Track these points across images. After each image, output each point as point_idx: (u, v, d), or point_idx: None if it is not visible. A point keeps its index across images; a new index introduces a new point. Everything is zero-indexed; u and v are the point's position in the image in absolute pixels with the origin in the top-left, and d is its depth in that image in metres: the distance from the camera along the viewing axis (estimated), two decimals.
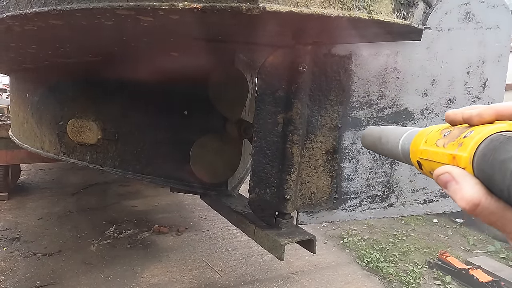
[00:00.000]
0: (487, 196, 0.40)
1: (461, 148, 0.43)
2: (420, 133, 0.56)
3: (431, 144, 0.51)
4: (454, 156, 0.44)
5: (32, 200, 5.92)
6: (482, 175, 0.40)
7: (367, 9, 1.16)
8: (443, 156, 0.46)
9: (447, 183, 0.44)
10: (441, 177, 0.45)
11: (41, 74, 2.87)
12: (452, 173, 0.43)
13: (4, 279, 3.55)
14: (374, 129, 0.74)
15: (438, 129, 0.52)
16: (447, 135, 0.48)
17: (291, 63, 1.46)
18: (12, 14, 1.20)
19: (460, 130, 0.47)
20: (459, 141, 0.44)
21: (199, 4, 1.00)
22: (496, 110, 0.45)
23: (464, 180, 0.42)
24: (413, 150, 0.56)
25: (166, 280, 3.71)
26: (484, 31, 1.53)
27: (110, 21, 1.19)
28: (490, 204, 0.40)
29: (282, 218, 1.64)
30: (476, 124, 0.46)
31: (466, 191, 0.41)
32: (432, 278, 4.25)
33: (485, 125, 0.44)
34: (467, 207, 0.41)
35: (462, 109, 0.49)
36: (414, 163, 0.56)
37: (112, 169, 2.51)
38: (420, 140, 0.54)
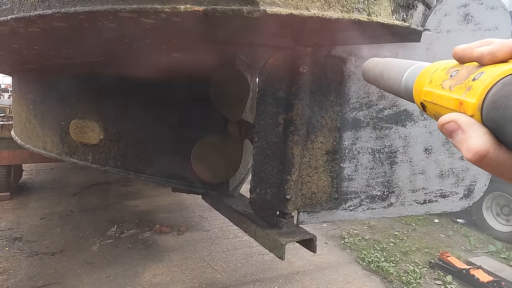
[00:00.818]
0: (495, 147, 0.37)
1: (469, 93, 0.39)
2: (425, 71, 0.52)
3: (436, 85, 0.46)
4: (461, 102, 0.40)
5: (34, 200, 5.94)
6: (492, 124, 0.36)
7: (366, 11, 1.17)
8: (449, 100, 0.42)
9: (452, 133, 0.41)
10: (446, 126, 0.41)
11: (44, 74, 2.89)
12: (458, 121, 0.40)
13: (7, 279, 3.57)
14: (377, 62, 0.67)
15: (445, 67, 0.47)
16: (454, 76, 0.43)
17: (291, 65, 1.48)
18: (16, 17, 1.22)
19: (469, 70, 0.42)
20: (467, 84, 0.40)
21: (201, 7, 1.01)
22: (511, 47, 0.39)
23: (472, 130, 0.38)
24: (416, 90, 0.52)
25: (168, 280, 3.73)
26: (483, 33, 1.54)
27: (112, 23, 1.21)
28: (499, 155, 0.37)
29: (283, 218, 1.65)
30: (487, 63, 0.40)
31: (473, 142, 0.38)
32: (433, 278, 4.26)
33: (498, 65, 0.39)
34: (473, 158, 0.38)
35: (473, 44, 0.44)
36: (417, 104, 0.52)
37: (114, 169, 2.53)
38: (425, 79, 0.50)
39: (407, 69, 0.56)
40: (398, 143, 1.61)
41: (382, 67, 0.64)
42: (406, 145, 1.62)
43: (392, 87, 0.59)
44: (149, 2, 1.02)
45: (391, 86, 0.60)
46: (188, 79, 2.05)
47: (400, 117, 1.59)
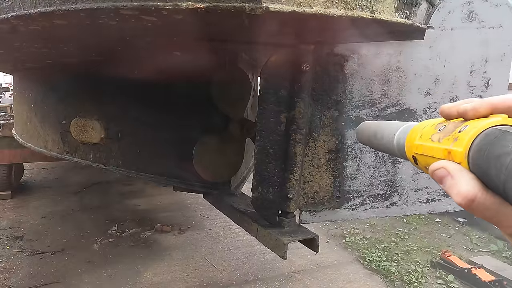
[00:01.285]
0: (482, 191, 0.39)
1: (456, 143, 0.43)
2: (415, 128, 0.56)
3: (426, 139, 0.50)
4: (449, 151, 0.44)
5: (35, 199, 5.95)
6: (478, 170, 0.40)
7: (370, 9, 1.16)
8: (438, 151, 0.46)
9: (442, 178, 0.44)
10: (436, 172, 0.45)
11: (44, 73, 2.88)
12: (447, 168, 0.43)
13: (8, 277, 3.57)
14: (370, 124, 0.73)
15: (433, 124, 0.52)
16: (442, 130, 0.48)
17: (293, 63, 1.47)
18: (17, 14, 1.21)
19: (455, 124, 0.46)
20: (454, 135, 0.44)
21: (203, 4, 1.00)
22: (491, 103, 0.44)
23: (460, 175, 0.41)
24: (408, 145, 0.56)
25: (169, 279, 3.72)
26: (487, 30, 1.53)
27: (114, 21, 1.20)
28: (486, 200, 0.39)
29: (284, 217, 1.65)
30: (471, 118, 0.45)
31: (461, 186, 0.40)
32: (434, 277, 4.25)
33: (480, 119, 0.44)
34: (463, 202, 0.40)
35: (457, 103, 0.49)
36: (409, 158, 0.56)
37: (115, 168, 2.52)
38: (415, 135, 0.54)
39: (398, 128, 0.61)
40: None
41: (375, 128, 0.69)
42: None
43: (385, 145, 0.64)
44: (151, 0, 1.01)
45: (384, 144, 0.65)
46: (190, 77, 2.04)
47: (403, 115, 1.58)
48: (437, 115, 1.49)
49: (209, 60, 1.93)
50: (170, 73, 2.10)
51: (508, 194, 0.36)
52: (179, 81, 2.12)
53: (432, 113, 1.60)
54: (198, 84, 2.00)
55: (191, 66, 2.04)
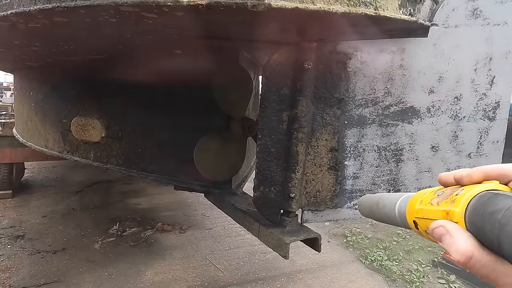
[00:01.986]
0: (479, 249, 0.42)
1: (453, 204, 0.47)
2: (416, 195, 0.59)
3: (426, 203, 0.54)
4: (447, 212, 0.47)
5: (36, 198, 5.94)
6: (474, 228, 0.43)
7: (373, 5, 1.14)
8: (437, 213, 0.50)
9: (441, 236, 0.46)
10: (436, 230, 0.47)
11: (45, 72, 2.88)
12: (446, 226, 0.46)
13: (9, 276, 3.57)
14: (371, 196, 0.77)
15: (432, 191, 0.56)
16: (440, 195, 0.52)
17: (296, 61, 1.45)
18: (16, 11, 1.20)
19: (452, 189, 0.51)
20: (451, 198, 0.48)
21: (204, 1, 0.99)
22: (484, 171, 0.49)
23: (458, 233, 0.44)
24: (409, 211, 0.59)
25: (170, 278, 3.71)
26: (492, 28, 1.51)
27: (114, 18, 1.18)
28: (483, 257, 0.42)
29: (286, 216, 1.63)
30: (466, 184, 0.50)
31: (460, 244, 0.43)
32: (436, 277, 4.23)
33: (475, 185, 0.48)
34: (461, 260, 0.43)
35: (453, 172, 0.53)
36: (410, 223, 0.59)
37: (116, 167, 2.51)
38: (416, 201, 0.58)
39: (399, 197, 0.64)
40: (404, 140, 1.59)
41: (377, 199, 0.73)
42: (412, 143, 1.60)
43: (387, 213, 0.67)
44: None
45: (385, 213, 0.68)
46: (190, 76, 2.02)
47: (407, 114, 1.56)
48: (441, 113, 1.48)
49: (210, 58, 1.92)
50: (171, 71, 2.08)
51: (502, 247, 0.39)
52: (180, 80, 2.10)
53: (436, 111, 1.59)
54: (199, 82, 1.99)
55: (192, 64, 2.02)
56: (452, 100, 1.60)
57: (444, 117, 1.60)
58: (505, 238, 0.38)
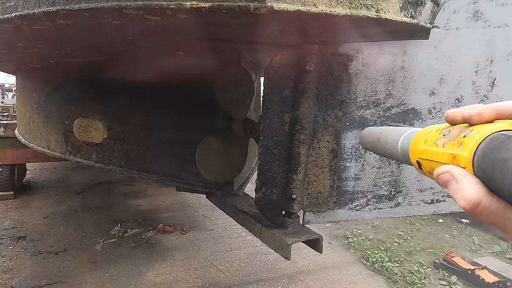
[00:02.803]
0: (487, 196, 0.39)
1: (461, 148, 0.43)
2: (419, 133, 0.56)
3: (430, 144, 0.51)
4: (454, 156, 0.44)
5: (37, 199, 5.96)
6: (482, 174, 0.40)
7: (375, 8, 1.15)
8: (442, 155, 0.46)
9: (447, 183, 0.44)
10: (441, 176, 0.45)
11: (48, 73, 2.89)
12: (452, 172, 0.43)
13: (11, 277, 3.58)
14: (373, 130, 0.73)
15: (437, 129, 0.52)
16: (446, 135, 0.48)
17: (298, 62, 1.46)
18: (20, 14, 1.21)
19: (459, 129, 0.46)
20: (459, 140, 0.44)
21: (207, 3, 0.99)
22: (496, 109, 0.45)
23: (465, 179, 0.41)
24: (412, 150, 0.56)
25: (171, 279, 3.72)
26: (493, 30, 1.52)
27: (117, 21, 1.19)
28: (491, 204, 0.39)
29: (288, 217, 1.64)
30: (476, 123, 0.45)
31: (466, 191, 0.41)
32: (437, 278, 4.23)
33: (485, 125, 0.44)
34: (467, 207, 0.41)
35: (462, 109, 0.49)
36: (413, 163, 0.56)
37: (117, 168, 2.52)
38: (420, 140, 0.54)
39: (402, 133, 0.61)
40: None
41: (379, 133, 0.69)
42: None
43: (389, 150, 0.64)
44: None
45: (388, 149, 0.65)
46: (192, 78, 2.03)
47: (408, 115, 1.57)
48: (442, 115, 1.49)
49: (212, 60, 1.92)
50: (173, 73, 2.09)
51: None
52: (182, 82, 2.11)
53: (437, 113, 1.59)
54: (201, 84, 2.00)
55: (194, 66, 2.03)
56: (453, 101, 1.60)
57: None
58: None
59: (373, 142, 0.70)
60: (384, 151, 0.66)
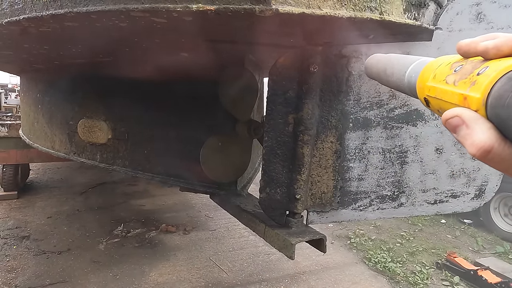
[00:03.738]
0: (500, 142, 0.36)
1: (473, 88, 0.38)
2: (429, 66, 0.51)
3: (440, 80, 0.46)
4: (465, 97, 0.39)
5: (41, 199, 5.98)
6: (496, 119, 0.36)
7: (378, 10, 1.16)
8: (453, 95, 0.42)
9: (456, 128, 0.40)
10: (450, 120, 0.41)
11: (52, 74, 2.91)
12: (462, 116, 0.39)
13: (15, 277, 3.60)
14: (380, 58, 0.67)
15: (448, 62, 0.47)
16: (458, 71, 0.43)
17: (302, 64, 1.47)
18: (28, 17, 1.22)
19: (473, 65, 0.41)
20: (471, 78, 0.39)
21: (213, 6, 1.01)
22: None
23: (476, 124, 0.38)
24: (420, 86, 0.51)
25: (174, 279, 3.74)
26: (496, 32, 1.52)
27: (124, 23, 1.21)
28: (504, 151, 0.36)
29: (292, 217, 1.65)
30: (492, 58, 0.40)
31: (477, 137, 0.37)
32: (440, 279, 4.23)
33: (503, 59, 0.38)
34: (477, 154, 0.37)
35: (478, 39, 0.44)
36: (421, 99, 0.52)
37: (122, 169, 2.54)
38: (428, 74, 0.50)
39: (410, 64, 0.56)
40: (408, 142, 1.60)
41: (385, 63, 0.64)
42: (417, 145, 1.61)
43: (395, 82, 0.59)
44: (162, 2, 1.02)
45: (394, 81, 0.59)
46: (197, 78, 2.05)
47: (411, 116, 1.58)
48: None
49: (216, 61, 1.94)
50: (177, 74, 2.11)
51: None
52: (186, 82, 2.13)
53: None
54: (205, 85, 2.01)
55: (199, 67, 2.05)
56: None
57: None
58: None
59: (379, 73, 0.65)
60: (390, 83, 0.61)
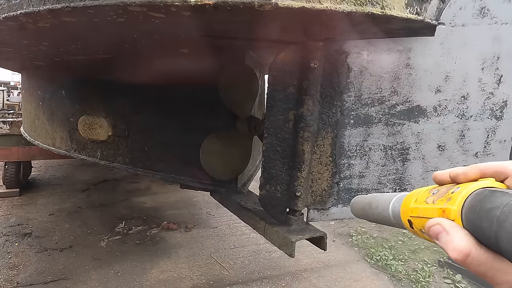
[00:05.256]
0: (476, 247, 0.41)
1: (450, 202, 0.46)
2: (410, 195, 0.58)
3: (421, 202, 0.53)
4: (443, 210, 0.46)
5: (43, 196, 5.99)
6: (471, 225, 0.42)
7: (380, 4, 1.14)
8: (433, 211, 0.49)
9: (438, 234, 0.46)
10: (432, 228, 0.47)
11: (52, 71, 2.90)
12: (442, 224, 0.45)
13: (17, 274, 3.61)
14: (363, 197, 0.76)
15: (426, 189, 0.55)
16: (435, 193, 0.51)
17: (302, 60, 1.45)
18: (26, 11, 1.21)
19: (447, 187, 0.50)
20: (447, 196, 0.47)
21: (212, 0, 0.99)
22: (480, 169, 0.49)
23: (455, 231, 0.43)
24: (403, 211, 0.58)
25: (175, 276, 3.74)
26: (499, 26, 1.50)
27: (122, 18, 1.20)
28: (480, 255, 0.41)
29: (292, 215, 1.64)
30: (462, 181, 0.50)
31: (457, 242, 0.43)
32: (442, 276, 4.21)
33: (471, 182, 0.48)
34: (458, 257, 0.42)
35: (448, 170, 0.53)
36: (405, 222, 0.58)
37: (122, 166, 2.53)
38: (410, 200, 0.56)
39: (393, 197, 0.63)
40: (410, 139, 1.58)
41: (370, 199, 0.71)
42: (418, 142, 1.59)
43: (380, 214, 0.66)
44: None
45: (379, 213, 0.66)
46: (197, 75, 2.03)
47: (413, 113, 1.56)
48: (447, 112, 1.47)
49: (216, 57, 1.92)
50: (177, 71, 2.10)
51: (500, 244, 0.38)
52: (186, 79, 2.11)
53: (442, 110, 1.58)
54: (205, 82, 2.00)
55: (198, 63, 2.03)
56: (459, 99, 1.59)
57: (451, 116, 1.59)
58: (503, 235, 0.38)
59: (364, 208, 0.72)
60: (376, 215, 0.68)
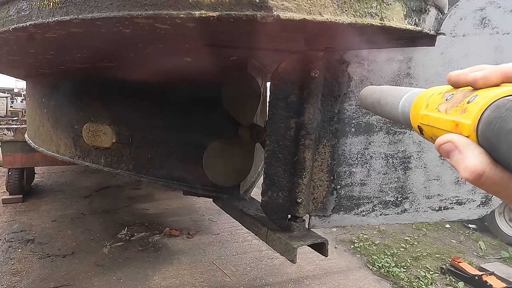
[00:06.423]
0: (491, 166, 0.38)
1: (464, 115, 0.40)
2: (421, 96, 0.53)
3: (432, 108, 0.48)
4: (457, 123, 0.41)
5: (46, 202, 6.01)
6: (487, 143, 0.38)
7: (379, 16, 1.17)
8: (445, 122, 0.44)
9: (449, 153, 0.42)
10: (443, 146, 0.42)
11: (58, 79, 2.94)
12: (455, 141, 0.41)
13: (19, 280, 3.62)
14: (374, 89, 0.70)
15: (440, 92, 0.49)
16: (449, 99, 0.45)
17: (303, 69, 1.48)
18: (35, 23, 1.25)
19: (463, 94, 0.43)
20: (462, 106, 0.41)
21: (215, 13, 1.02)
22: (503, 71, 0.42)
23: (468, 149, 0.39)
24: (413, 114, 0.53)
25: (177, 283, 3.73)
26: (501, 37, 1.52)
27: (128, 29, 1.23)
28: (495, 175, 0.38)
29: (294, 221, 1.65)
30: (481, 87, 0.42)
31: (469, 161, 0.39)
32: (444, 284, 4.19)
33: (491, 89, 0.41)
34: (470, 178, 0.39)
35: (467, 70, 0.46)
36: (415, 127, 0.54)
37: (126, 172, 2.55)
38: (421, 103, 0.51)
39: (403, 95, 0.58)
40: (412, 148, 1.60)
41: (379, 94, 0.66)
42: (420, 151, 1.61)
43: (390, 112, 0.61)
44: (165, 8, 1.03)
45: (388, 111, 0.62)
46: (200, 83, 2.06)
47: None
48: None
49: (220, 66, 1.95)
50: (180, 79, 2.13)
51: None
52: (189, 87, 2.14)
53: None
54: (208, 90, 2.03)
55: (201, 72, 2.06)
56: None
57: None
58: None
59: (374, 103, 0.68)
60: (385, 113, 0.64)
